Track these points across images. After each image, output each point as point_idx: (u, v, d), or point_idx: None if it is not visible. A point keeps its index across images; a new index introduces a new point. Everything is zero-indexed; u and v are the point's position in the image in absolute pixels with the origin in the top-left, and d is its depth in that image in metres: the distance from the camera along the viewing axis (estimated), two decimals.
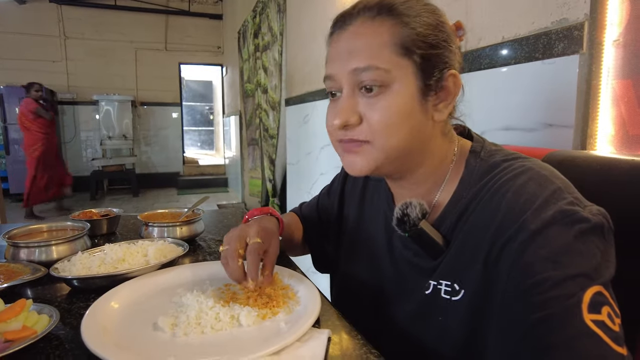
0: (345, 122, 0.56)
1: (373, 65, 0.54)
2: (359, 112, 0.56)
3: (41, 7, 6.39)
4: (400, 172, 0.61)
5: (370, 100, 0.55)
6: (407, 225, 0.58)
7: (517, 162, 0.55)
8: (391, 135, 0.55)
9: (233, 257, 0.61)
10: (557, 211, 0.46)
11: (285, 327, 0.56)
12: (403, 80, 0.54)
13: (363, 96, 0.56)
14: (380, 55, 0.54)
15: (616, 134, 0.82)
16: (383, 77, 0.54)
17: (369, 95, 0.55)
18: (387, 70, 0.54)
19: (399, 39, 0.54)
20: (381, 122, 0.55)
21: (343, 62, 0.56)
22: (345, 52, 0.56)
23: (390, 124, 0.55)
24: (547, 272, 0.44)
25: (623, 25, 0.79)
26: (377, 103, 0.55)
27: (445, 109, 0.58)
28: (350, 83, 0.56)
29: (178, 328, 0.56)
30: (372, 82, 0.54)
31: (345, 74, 0.56)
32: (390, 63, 0.54)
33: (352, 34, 0.56)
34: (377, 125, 0.55)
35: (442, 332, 0.57)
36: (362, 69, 0.54)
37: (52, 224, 1.00)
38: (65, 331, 0.59)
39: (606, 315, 0.42)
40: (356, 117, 0.56)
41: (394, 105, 0.54)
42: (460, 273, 0.55)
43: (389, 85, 0.54)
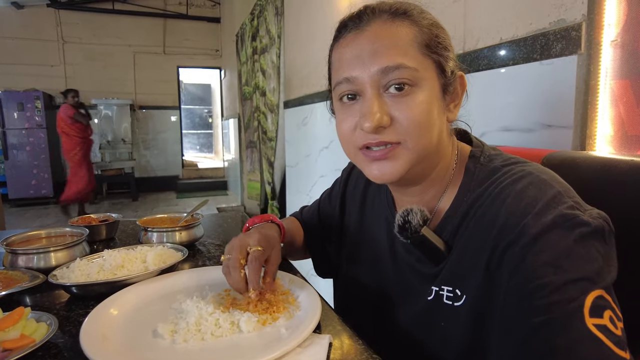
0: (379, 124, 0.53)
1: (403, 63, 0.53)
2: (389, 113, 0.54)
3: (39, 11, 6.40)
4: (419, 177, 0.61)
5: (400, 100, 0.54)
6: (408, 232, 0.57)
7: (517, 166, 0.55)
8: (423, 134, 0.54)
9: (235, 267, 0.61)
10: (558, 215, 0.46)
11: (286, 332, 0.56)
12: (429, 79, 0.55)
13: (390, 96, 0.54)
14: (408, 54, 0.54)
15: (615, 134, 0.82)
16: (413, 75, 0.53)
17: (399, 95, 0.54)
18: (415, 69, 0.54)
19: (420, 39, 0.55)
20: (414, 121, 0.54)
21: (366, 63, 0.54)
22: (368, 53, 0.54)
23: (422, 122, 0.54)
24: (548, 277, 0.44)
25: (621, 25, 0.79)
26: (407, 102, 0.54)
27: (455, 110, 0.60)
28: (376, 84, 0.54)
29: (178, 335, 0.56)
30: (403, 81, 0.53)
31: (370, 75, 0.54)
32: (417, 62, 0.54)
33: (374, 34, 0.55)
34: (409, 124, 0.54)
35: (445, 337, 0.57)
36: (392, 67, 0.53)
37: (50, 230, 0.99)
38: (64, 339, 0.58)
39: (608, 319, 0.42)
40: (387, 117, 0.54)
41: (425, 104, 0.54)
42: (462, 279, 0.55)
43: (417, 84, 0.54)
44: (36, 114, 5.96)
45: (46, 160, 6.02)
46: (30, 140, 5.97)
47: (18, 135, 5.93)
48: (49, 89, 6.33)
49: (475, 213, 0.55)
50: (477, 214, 0.54)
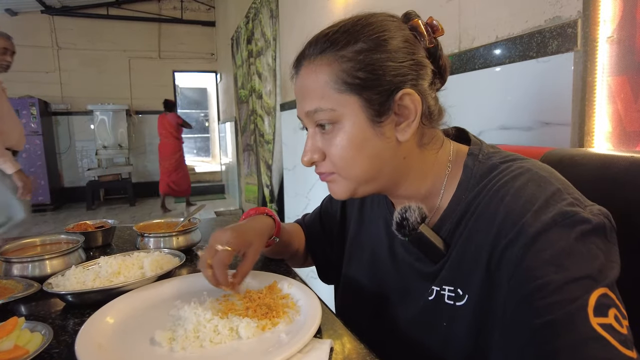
0: (310, 161, 0.60)
1: (318, 107, 0.57)
2: (321, 149, 0.60)
3: (33, 18, 6.38)
4: (384, 190, 0.63)
5: (326, 137, 0.58)
6: (406, 230, 0.57)
7: (516, 163, 0.54)
8: (351, 166, 0.58)
9: (203, 267, 0.65)
10: (557, 213, 0.45)
11: (286, 338, 0.55)
12: (350, 115, 0.56)
13: (321, 133, 0.59)
14: (324, 96, 0.56)
15: (613, 131, 0.82)
16: (330, 115, 0.56)
17: (324, 132, 0.58)
18: (332, 109, 0.56)
19: (338, 77, 0.55)
20: (338, 156, 0.58)
21: (299, 105, 0.61)
22: (299, 96, 0.61)
23: (346, 157, 0.57)
24: (549, 276, 0.43)
25: (616, 21, 0.79)
26: (332, 139, 0.58)
27: (408, 128, 0.56)
28: (310, 123, 0.60)
29: (176, 342, 0.55)
30: (323, 121, 0.57)
31: (303, 116, 0.60)
32: (334, 102, 0.56)
33: (301, 77, 0.59)
34: (336, 159, 0.58)
35: (447, 338, 0.56)
36: (312, 112, 0.58)
37: (45, 238, 0.98)
38: (59, 349, 0.57)
39: (613, 318, 0.41)
40: (319, 154, 0.60)
41: (346, 140, 0.56)
42: (463, 278, 0.55)
43: (338, 121, 0.57)
44: (32, 120, 5.92)
45: (43, 167, 5.98)
46: (26, 147, 5.91)
47: None
48: (44, 96, 6.30)
49: (474, 211, 0.54)
50: (476, 212, 0.54)
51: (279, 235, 0.78)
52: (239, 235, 0.67)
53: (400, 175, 0.60)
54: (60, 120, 6.70)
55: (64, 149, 6.80)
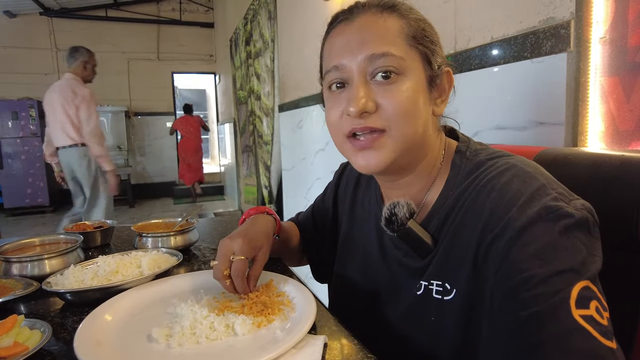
0: (363, 108, 0.54)
1: (389, 52, 0.55)
2: (375, 100, 0.55)
3: (32, 20, 6.38)
4: (406, 169, 0.62)
5: (386, 87, 0.55)
6: (395, 225, 0.58)
7: (502, 159, 0.55)
8: (408, 122, 0.55)
9: (220, 278, 0.64)
10: (542, 207, 0.47)
11: (281, 334, 0.56)
12: (415, 70, 0.56)
13: (377, 84, 0.55)
14: (395, 43, 0.56)
15: (606, 130, 0.83)
16: (399, 63, 0.55)
17: (385, 82, 0.55)
18: (402, 58, 0.55)
19: (408, 30, 0.57)
20: (399, 108, 0.55)
21: (354, 51, 0.56)
22: (356, 42, 0.56)
23: (407, 110, 0.55)
24: (534, 269, 0.44)
25: (608, 22, 0.80)
26: (393, 90, 0.55)
27: (442, 104, 0.60)
28: (363, 71, 0.56)
29: (172, 339, 0.56)
30: (389, 68, 0.54)
31: (358, 62, 0.56)
32: (404, 51, 0.56)
33: (363, 24, 0.57)
34: (394, 111, 0.55)
35: (436, 332, 0.57)
36: (379, 55, 0.54)
37: (44, 238, 0.99)
38: (58, 346, 0.58)
39: (594, 310, 0.42)
40: (372, 103, 0.55)
41: (410, 92, 0.55)
42: (450, 273, 0.56)
43: (403, 72, 0.55)
44: (30, 122, 5.93)
45: (41, 168, 5.98)
46: (25, 149, 5.94)
47: (13, 144, 5.90)
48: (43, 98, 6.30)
49: (461, 207, 0.55)
50: (463, 208, 0.55)
51: (279, 233, 0.79)
52: (249, 241, 0.66)
53: (424, 153, 0.61)
54: None
55: None
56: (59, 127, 2.98)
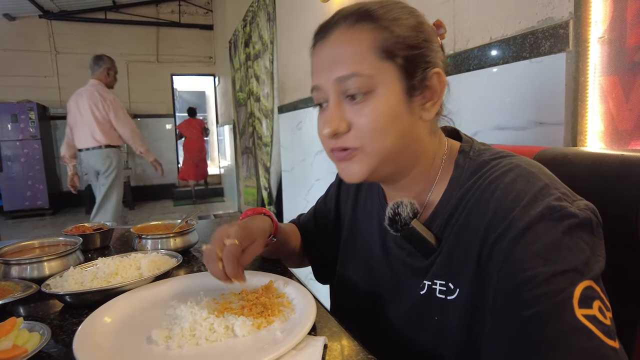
0: (335, 131, 0.56)
1: (356, 72, 0.54)
2: (347, 120, 0.56)
3: (31, 23, 6.39)
4: (396, 175, 0.62)
5: (356, 107, 0.56)
6: (398, 225, 0.58)
7: (505, 159, 0.55)
8: (380, 138, 0.56)
9: (212, 259, 0.62)
10: (545, 207, 0.46)
11: (281, 335, 0.55)
12: (387, 84, 0.55)
13: (349, 103, 0.56)
14: (363, 61, 0.54)
15: (606, 130, 0.83)
16: (366, 83, 0.54)
17: (356, 102, 0.56)
18: (370, 76, 0.54)
19: (379, 43, 0.54)
20: (369, 127, 0.55)
21: (327, 72, 0.57)
22: (327, 62, 0.57)
23: (378, 128, 0.55)
24: (537, 269, 0.44)
25: (607, 22, 0.80)
26: (363, 109, 0.55)
27: (432, 108, 0.58)
28: (336, 92, 0.57)
29: (172, 340, 0.55)
30: (356, 90, 0.55)
31: (330, 84, 0.57)
32: (373, 68, 0.54)
33: (333, 42, 0.57)
34: (365, 130, 0.55)
35: (439, 332, 0.57)
36: (346, 77, 0.55)
37: (44, 240, 0.98)
38: (57, 349, 0.58)
39: (597, 310, 0.42)
40: (344, 124, 0.56)
41: (380, 109, 0.55)
42: (454, 272, 0.55)
43: (373, 89, 0.55)
44: (30, 125, 5.93)
45: (41, 171, 5.98)
46: (24, 151, 5.94)
47: (12, 147, 5.90)
48: (42, 100, 6.31)
49: (464, 207, 0.55)
50: (467, 208, 0.55)
51: (276, 234, 0.79)
52: (245, 230, 0.66)
53: (415, 159, 0.60)
54: (59, 124, 6.69)
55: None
56: (87, 130, 3.16)
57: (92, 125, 3.13)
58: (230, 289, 0.71)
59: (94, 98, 3.13)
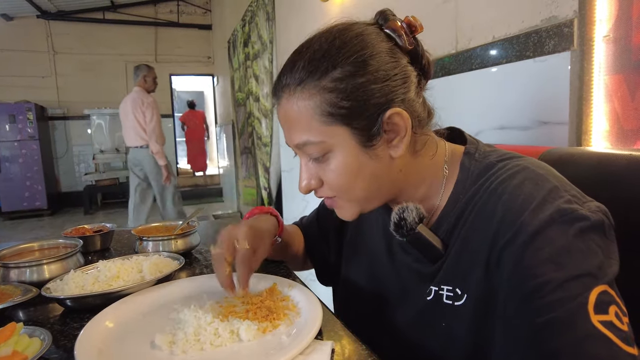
0: (307, 188, 0.60)
1: (307, 140, 0.55)
2: (318, 175, 0.59)
3: (29, 23, 6.36)
4: (390, 201, 0.63)
5: (321, 165, 0.58)
6: (404, 230, 0.57)
7: (512, 161, 0.54)
8: (350, 190, 0.58)
9: (221, 263, 0.62)
10: (555, 211, 0.45)
11: (287, 340, 0.55)
12: (340, 145, 0.55)
13: (315, 162, 0.58)
14: (311, 129, 0.55)
15: (611, 129, 0.82)
16: (320, 148, 0.55)
17: (318, 162, 0.57)
18: (322, 142, 0.55)
19: (322, 109, 0.53)
20: (335, 183, 0.57)
21: (287, 137, 0.59)
22: (285, 127, 0.59)
23: (343, 183, 0.57)
24: (549, 274, 0.43)
25: (612, 20, 0.79)
26: (326, 167, 0.57)
27: (400, 143, 0.55)
28: (300, 153, 0.59)
29: (176, 346, 0.54)
30: (314, 154, 0.56)
31: (293, 147, 0.60)
32: (321, 134, 0.54)
33: (283, 107, 0.57)
34: (334, 186, 0.58)
35: (447, 338, 0.56)
36: (301, 145, 0.57)
37: (43, 242, 0.97)
38: (58, 354, 0.57)
39: (614, 315, 0.41)
40: (316, 180, 0.59)
41: (341, 168, 0.56)
42: (461, 277, 0.54)
43: (330, 150, 0.56)
44: (28, 125, 5.89)
45: (39, 172, 5.96)
46: (22, 152, 5.91)
47: (10, 148, 5.87)
48: (40, 101, 6.28)
49: (472, 210, 0.54)
50: (474, 211, 0.54)
51: (281, 235, 0.78)
52: (255, 232, 0.65)
53: (400, 186, 0.60)
54: (57, 125, 6.68)
55: (61, 153, 6.77)
56: (132, 131, 3.73)
57: (136, 126, 3.69)
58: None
59: (135, 103, 3.67)
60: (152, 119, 3.70)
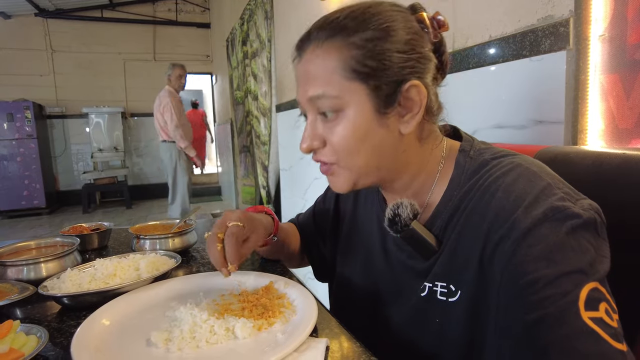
0: (309, 147, 0.59)
1: (324, 93, 0.55)
2: (322, 136, 0.58)
3: (27, 21, 6.34)
4: (383, 183, 0.62)
5: (328, 125, 0.57)
6: (398, 226, 0.57)
7: (506, 159, 0.55)
8: (353, 156, 0.57)
9: (213, 241, 0.62)
10: (548, 208, 0.46)
11: (282, 337, 0.55)
12: (356, 104, 0.55)
13: (323, 121, 0.58)
14: (331, 82, 0.55)
15: (606, 128, 0.82)
16: (335, 103, 0.55)
17: (327, 120, 0.57)
18: (338, 97, 0.54)
19: (347, 63, 0.54)
20: (340, 145, 0.57)
21: (302, 89, 0.58)
22: (303, 79, 0.58)
23: (349, 146, 0.56)
24: (541, 271, 0.44)
25: (608, 20, 0.80)
26: (334, 127, 0.56)
27: (412, 120, 0.56)
28: (311, 109, 0.58)
29: (172, 343, 0.55)
30: (327, 109, 0.56)
31: (305, 101, 0.58)
32: (341, 89, 0.54)
33: (306, 61, 0.57)
34: (337, 148, 0.57)
35: (441, 334, 0.57)
36: (316, 97, 0.56)
37: (40, 241, 0.97)
38: (55, 352, 0.57)
39: (604, 312, 0.42)
40: (319, 141, 0.58)
41: (350, 129, 0.55)
42: (455, 274, 0.55)
43: (342, 109, 0.55)
44: (26, 124, 5.88)
45: (37, 170, 5.95)
46: (20, 150, 5.90)
47: (8, 146, 5.86)
48: (38, 99, 6.27)
49: (466, 207, 0.54)
50: (468, 208, 0.54)
51: (277, 233, 0.79)
52: (247, 217, 0.67)
53: (399, 168, 0.60)
54: (55, 123, 6.66)
55: (59, 152, 6.76)
56: (158, 126, 4.09)
57: (157, 124, 4.04)
58: (230, 290, 0.70)
59: (157, 102, 4.00)
60: (171, 120, 3.90)
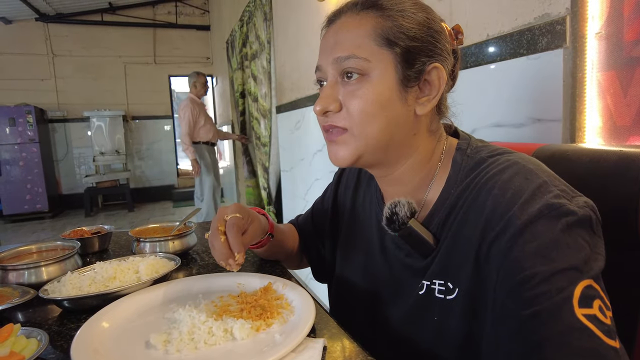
0: (325, 108, 0.58)
1: (353, 54, 0.56)
2: (339, 100, 0.58)
3: (27, 26, 6.37)
4: (385, 164, 0.62)
5: (349, 88, 0.57)
6: (396, 224, 0.57)
7: (503, 157, 0.55)
8: (368, 123, 0.57)
9: (215, 235, 0.62)
10: (544, 205, 0.46)
11: (280, 338, 0.55)
12: (382, 70, 0.56)
13: (344, 84, 0.58)
14: (361, 45, 0.56)
15: (604, 126, 0.82)
16: (362, 65, 0.55)
17: (349, 83, 0.57)
18: (366, 59, 0.55)
19: (380, 30, 0.56)
20: (358, 109, 0.56)
21: (328, 53, 0.59)
22: (330, 44, 0.59)
23: (367, 111, 0.56)
24: (536, 267, 0.44)
25: (604, 17, 0.80)
26: (355, 91, 0.56)
27: (428, 103, 0.58)
28: (333, 72, 0.59)
29: (171, 345, 0.55)
30: (352, 69, 0.56)
31: (329, 63, 0.59)
32: (370, 53, 0.55)
33: (338, 27, 0.59)
34: (354, 112, 0.57)
35: (439, 332, 0.57)
36: (343, 58, 0.56)
37: (41, 245, 0.98)
38: (55, 355, 0.57)
39: (597, 309, 0.42)
40: (336, 104, 0.58)
41: (371, 94, 0.56)
42: (453, 271, 0.55)
43: (367, 73, 0.56)
44: (28, 128, 5.90)
45: (40, 174, 5.97)
46: (23, 155, 5.92)
47: (10, 151, 5.88)
48: (40, 103, 6.29)
49: (462, 205, 0.55)
50: (465, 206, 0.54)
51: (274, 233, 0.79)
52: (243, 209, 0.68)
53: (406, 153, 0.61)
54: (57, 127, 6.69)
55: (61, 156, 6.78)
56: None
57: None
58: (229, 291, 0.70)
59: (182, 106, 4.10)
60: (180, 124, 4.12)
